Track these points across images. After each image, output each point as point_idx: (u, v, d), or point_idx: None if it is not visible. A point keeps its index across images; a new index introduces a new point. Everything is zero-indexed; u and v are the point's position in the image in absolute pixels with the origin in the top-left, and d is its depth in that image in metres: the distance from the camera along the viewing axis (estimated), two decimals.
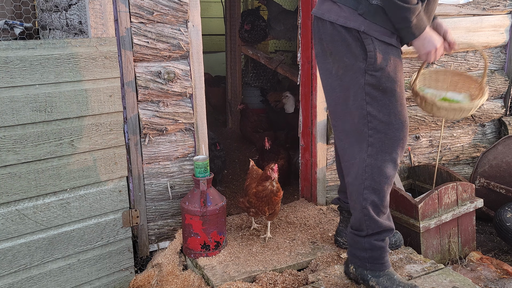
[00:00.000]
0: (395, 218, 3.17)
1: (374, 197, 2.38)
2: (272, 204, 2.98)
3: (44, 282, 2.65)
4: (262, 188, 2.95)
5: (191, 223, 2.86)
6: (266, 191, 2.94)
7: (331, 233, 3.19)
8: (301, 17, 3.52)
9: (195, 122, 3.07)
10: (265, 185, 2.95)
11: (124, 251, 2.91)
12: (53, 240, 2.64)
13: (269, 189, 2.94)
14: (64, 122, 2.57)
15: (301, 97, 3.64)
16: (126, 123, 2.86)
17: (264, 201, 2.96)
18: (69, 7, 3.18)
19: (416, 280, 2.66)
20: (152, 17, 2.80)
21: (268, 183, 2.94)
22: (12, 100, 2.38)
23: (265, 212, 3.01)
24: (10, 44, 2.37)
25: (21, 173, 2.48)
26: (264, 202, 2.96)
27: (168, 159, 3.04)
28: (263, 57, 5.28)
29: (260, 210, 3.01)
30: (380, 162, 2.34)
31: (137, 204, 2.98)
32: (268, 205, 2.98)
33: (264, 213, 3.03)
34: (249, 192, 3.00)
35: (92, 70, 2.61)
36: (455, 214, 3.16)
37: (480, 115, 4.13)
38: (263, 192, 2.94)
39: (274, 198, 2.96)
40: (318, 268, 2.82)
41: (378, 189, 2.38)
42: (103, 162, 2.73)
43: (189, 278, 2.80)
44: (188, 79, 2.99)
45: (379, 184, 2.37)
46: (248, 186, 3.07)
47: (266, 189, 2.94)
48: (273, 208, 3.02)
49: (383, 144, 2.32)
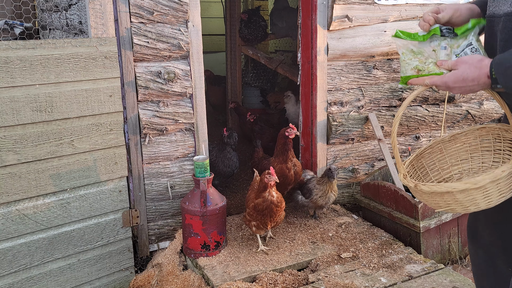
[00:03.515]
0: (395, 218, 3.18)
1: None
2: (274, 216, 2.80)
3: (44, 282, 2.65)
4: (261, 200, 2.76)
5: (191, 223, 2.86)
6: (266, 203, 2.75)
7: (331, 233, 3.20)
8: (301, 17, 3.52)
9: (195, 122, 3.07)
10: (264, 196, 2.75)
11: (124, 251, 2.91)
12: (53, 240, 2.64)
13: (269, 200, 2.74)
14: (64, 122, 2.57)
15: (301, 97, 3.64)
16: (126, 123, 2.85)
17: (266, 214, 2.78)
18: (69, 7, 3.18)
19: (416, 280, 2.66)
20: (152, 17, 2.80)
21: (267, 193, 2.75)
22: (13, 100, 2.38)
23: (267, 225, 2.84)
24: (10, 44, 2.37)
25: (21, 173, 2.47)
26: (266, 215, 2.78)
27: (168, 159, 3.04)
28: (263, 57, 5.28)
29: (262, 223, 2.83)
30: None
31: (137, 204, 2.98)
32: (270, 217, 2.80)
33: (266, 227, 2.86)
34: (248, 205, 2.86)
35: (92, 70, 2.60)
36: (455, 214, 3.16)
37: (480, 115, 4.13)
38: (263, 204, 2.76)
39: (276, 209, 2.76)
40: (318, 268, 2.82)
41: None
42: (103, 162, 2.73)
43: (189, 278, 2.80)
44: (188, 79, 2.99)
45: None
46: (248, 198, 2.92)
47: (266, 200, 2.75)
48: (276, 220, 2.85)
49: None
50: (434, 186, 1.63)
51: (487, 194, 1.59)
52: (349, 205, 3.75)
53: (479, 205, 1.62)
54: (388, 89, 3.74)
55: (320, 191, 3.21)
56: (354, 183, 3.76)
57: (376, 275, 2.72)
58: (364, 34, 3.53)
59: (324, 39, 3.41)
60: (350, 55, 3.52)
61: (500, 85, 1.49)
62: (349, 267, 2.79)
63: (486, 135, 1.86)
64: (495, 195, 1.60)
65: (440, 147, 1.95)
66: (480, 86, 1.56)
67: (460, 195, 1.60)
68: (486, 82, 1.54)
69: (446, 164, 1.95)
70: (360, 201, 3.51)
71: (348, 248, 3.01)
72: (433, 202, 1.69)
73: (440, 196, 1.64)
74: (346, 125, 3.59)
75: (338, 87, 3.55)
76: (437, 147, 1.95)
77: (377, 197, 3.35)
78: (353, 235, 3.18)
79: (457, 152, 1.94)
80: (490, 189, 1.59)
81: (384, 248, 3.01)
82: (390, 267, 2.80)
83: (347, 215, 3.49)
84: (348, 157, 3.70)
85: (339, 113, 3.58)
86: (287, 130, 3.23)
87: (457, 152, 1.94)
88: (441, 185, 1.61)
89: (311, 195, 3.24)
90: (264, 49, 6.90)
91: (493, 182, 1.56)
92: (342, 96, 3.57)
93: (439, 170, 1.95)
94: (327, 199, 3.22)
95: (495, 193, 1.59)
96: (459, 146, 1.94)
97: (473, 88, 1.57)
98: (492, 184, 1.57)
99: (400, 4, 3.62)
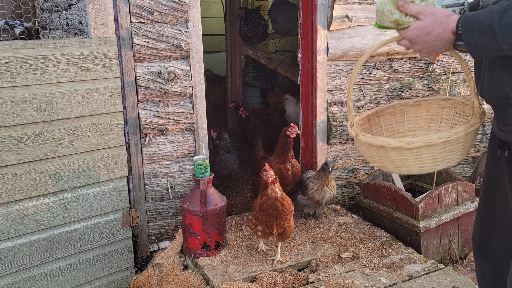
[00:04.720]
0: (395, 218, 3.18)
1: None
2: (281, 218, 2.71)
3: (44, 282, 2.65)
4: (265, 199, 2.71)
5: (191, 223, 2.86)
6: (270, 200, 2.68)
7: (331, 233, 3.20)
8: (301, 17, 3.52)
9: (195, 122, 3.07)
10: (267, 194, 2.71)
11: (124, 251, 2.91)
12: (53, 240, 2.64)
13: (272, 197, 2.69)
14: (65, 122, 2.57)
15: (301, 97, 3.64)
16: (126, 123, 2.85)
17: (271, 214, 2.69)
18: (69, 7, 3.18)
19: (416, 280, 2.66)
20: (152, 17, 2.80)
21: (270, 190, 2.71)
22: (13, 100, 2.38)
23: (273, 229, 2.74)
24: (10, 44, 2.37)
25: (21, 173, 2.47)
26: (272, 215, 2.69)
27: (168, 159, 3.04)
28: (263, 57, 5.28)
29: (268, 227, 2.74)
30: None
31: (137, 204, 2.98)
32: (276, 220, 2.71)
33: (272, 231, 2.75)
34: (255, 207, 2.80)
35: (93, 70, 2.60)
36: (455, 214, 3.16)
37: None
38: (268, 203, 2.69)
39: (281, 208, 2.69)
40: (318, 268, 2.82)
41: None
42: (103, 162, 2.73)
43: (189, 278, 2.80)
44: (188, 79, 2.99)
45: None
46: (255, 201, 2.84)
47: (270, 197, 2.70)
48: (282, 225, 2.74)
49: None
50: (370, 138, 1.62)
51: (419, 158, 1.57)
52: (349, 205, 3.75)
53: (410, 168, 1.60)
54: (388, 89, 3.74)
55: (316, 185, 3.20)
56: (354, 183, 3.76)
57: (376, 275, 2.72)
58: (364, 34, 3.53)
59: (324, 39, 3.41)
60: (350, 55, 3.52)
61: (463, 41, 1.40)
62: (349, 267, 2.79)
63: (449, 107, 1.83)
64: (429, 162, 1.57)
65: (402, 109, 1.92)
66: (443, 44, 1.46)
67: (393, 152, 1.58)
68: (450, 38, 1.44)
69: (403, 128, 1.92)
70: (360, 201, 3.51)
71: (348, 248, 3.01)
72: (370, 156, 1.68)
73: (376, 150, 1.62)
74: (346, 125, 3.59)
75: (338, 87, 3.55)
76: (400, 108, 1.92)
77: (377, 197, 3.35)
78: (353, 235, 3.18)
79: (416, 118, 1.91)
80: (423, 154, 1.56)
81: (384, 248, 3.01)
82: (390, 267, 2.80)
83: (347, 215, 3.49)
84: (348, 157, 3.70)
85: (339, 113, 3.58)
86: (288, 129, 3.23)
87: (416, 118, 1.91)
88: (377, 138, 1.60)
89: (307, 191, 3.24)
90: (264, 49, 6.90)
91: (428, 147, 1.53)
92: (342, 96, 3.57)
93: (393, 132, 1.92)
94: (323, 194, 3.19)
95: (428, 159, 1.57)
96: (420, 113, 1.90)
97: (435, 45, 1.47)
98: (426, 149, 1.54)
99: None
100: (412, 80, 3.82)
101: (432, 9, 1.47)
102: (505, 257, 1.79)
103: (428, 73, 3.88)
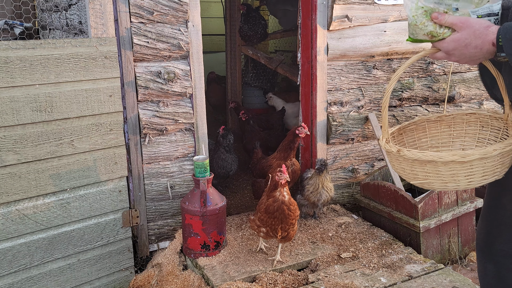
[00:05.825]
0: (395, 218, 3.18)
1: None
2: (286, 222, 2.64)
3: (44, 282, 2.65)
4: (272, 201, 2.64)
5: (191, 223, 2.86)
6: (277, 203, 2.61)
7: (331, 233, 3.20)
8: (301, 17, 3.52)
9: (195, 122, 3.07)
10: (275, 196, 2.63)
11: (124, 251, 2.91)
12: (53, 240, 2.64)
13: (280, 200, 2.61)
14: (64, 122, 2.57)
15: (301, 97, 3.64)
16: (126, 123, 2.86)
17: (277, 218, 2.62)
18: (69, 7, 3.18)
19: (416, 280, 2.66)
20: (152, 17, 2.80)
21: (278, 192, 2.63)
22: (12, 100, 2.38)
23: (277, 232, 2.68)
24: (10, 44, 2.37)
25: (21, 173, 2.48)
26: (277, 219, 2.62)
27: (168, 159, 3.04)
28: (263, 57, 5.28)
29: (272, 230, 2.69)
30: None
31: (137, 204, 2.98)
32: (281, 223, 2.64)
33: (276, 234, 2.69)
34: (260, 208, 2.73)
35: (92, 70, 2.61)
36: (455, 214, 3.16)
37: None
38: (274, 205, 2.62)
39: (288, 213, 2.62)
40: (318, 268, 2.82)
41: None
42: (103, 162, 2.73)
43: (189, 278, 2.80)
44: (188, 79, 2.99)
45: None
46: (260, 202, 2.78)
47: (277, 200, 2.61)
48: (286, 229, 2.69)
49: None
50: (419, 153, 1.52)
51: (471, 172, 1.50)
52: (349, 205, 3.75)
53: (459, 183, 1.52)
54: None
55: (312, 186, 3.19)
56: (354, 183, 3.76)
57: (376, 275, 2.72)
58: (364, 34, 3.53)
59: (324, 39, 3.41)
60: (350, 55, 3.52)
61: (505, 53, 1.37)
62: (349, 267, 2.80)
63: (474, 122, 1.77)
64: (478, 175, 1.51)
65: (424, 126, 1.86)
66: (482, 55, 1.43)
67: (444, 167, 1.50)
68: (489, 50, 1.40)
69: (426, 145, 1.86)
70: (360, 201, 3.51)
71: (348, 248, 3.01)
72: (411, 172, 1.58)
73: (422, 165, 1.53)
74: (346, 125, 3.59)
75: (338, 87, 3.55)
76: (422, 125, 1.86)
77: (377, 197, 3.35)
78: (353, 235, 3.18)
79: (440, 134, 1.85)
80: (475, 167, 1.49)
81: (384, 248, 3.01)
82: (390, 267, 2.80)
83: (347, 215, 3.49)
84: (348, 157, 3.70)
85: (339, 113, 3.58)
86: (298, 128, 3.21)
87: (440, 134, 1.85)
88: (427, 153, 1.51)
89: (303, 191, 3.24)
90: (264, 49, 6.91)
91: (482, 159, 1.47)
92: (342, 96, 3.57)
93: (417, 149, 1.84)
94: (318, 196, 3.18)
95: (479, 173, 1.50)
96: (443, 129, 1.85)
97: (473, 56, 1.43)
98: (479, 161, 1.47)
99: (400, 4, 3.62)
100: (412, 80, 3.82)
101: (469, 20, 1.43)
102: (509, 257, 1.78)
103: (428, 73, 3.88)
